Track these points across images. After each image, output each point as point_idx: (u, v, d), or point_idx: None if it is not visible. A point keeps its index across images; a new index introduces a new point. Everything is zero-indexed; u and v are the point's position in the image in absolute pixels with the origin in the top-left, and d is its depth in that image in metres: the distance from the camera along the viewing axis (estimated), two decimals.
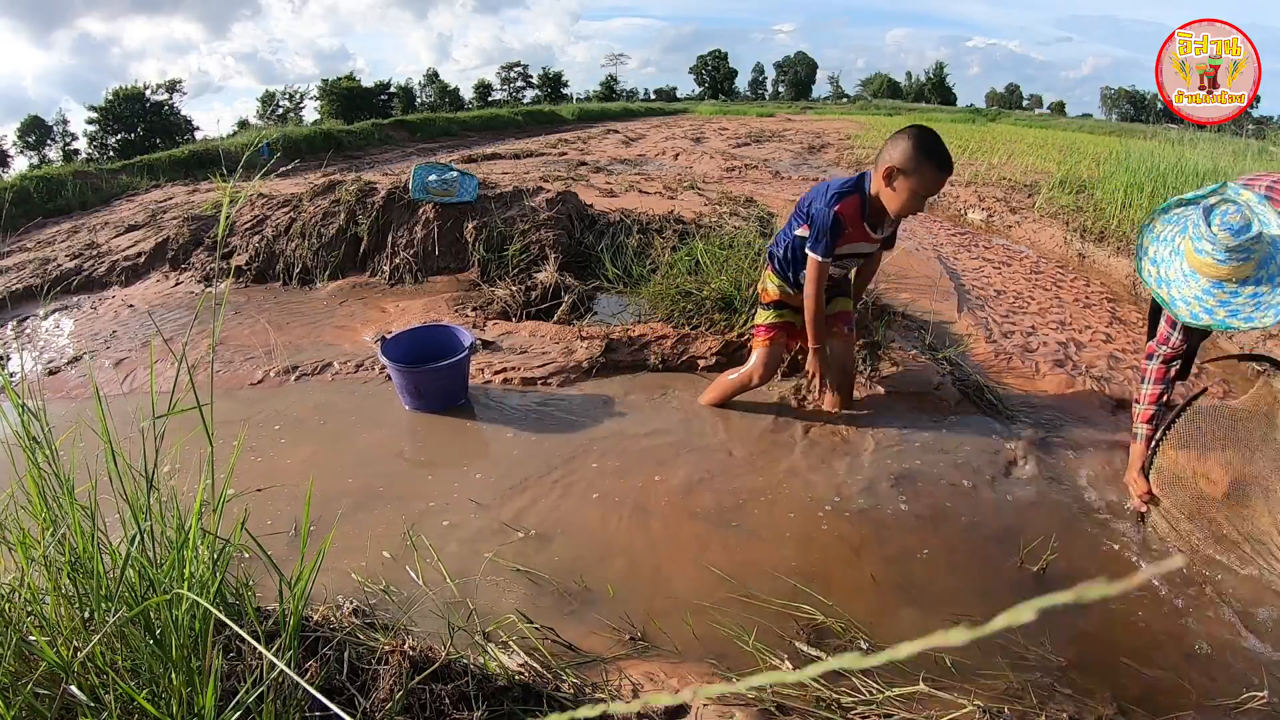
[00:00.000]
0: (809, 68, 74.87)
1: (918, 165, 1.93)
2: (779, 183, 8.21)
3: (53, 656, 0.94)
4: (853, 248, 2.20)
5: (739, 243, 3.83)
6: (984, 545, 1.86)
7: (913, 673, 1.39)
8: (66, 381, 3.01)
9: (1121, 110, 63.57)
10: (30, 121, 40.02)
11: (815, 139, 14.72)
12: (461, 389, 2.66)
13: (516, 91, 66.98)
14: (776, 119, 26.46)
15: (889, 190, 2.02)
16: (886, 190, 2.03)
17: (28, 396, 1.06)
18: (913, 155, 1.93)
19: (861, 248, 2.22)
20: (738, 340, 3.01)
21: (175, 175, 9.82)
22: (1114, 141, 11.33)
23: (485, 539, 1.86)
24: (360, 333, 3.44)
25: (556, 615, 1.57)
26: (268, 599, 1.30)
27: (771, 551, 1.82)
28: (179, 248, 4.68)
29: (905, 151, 1.94)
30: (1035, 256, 4.97)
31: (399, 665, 1.17)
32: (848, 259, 2.27)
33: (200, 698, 0.92)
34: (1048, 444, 2.34)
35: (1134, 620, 1.60)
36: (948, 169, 1.96)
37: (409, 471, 2.24)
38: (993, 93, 76.56)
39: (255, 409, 2.64)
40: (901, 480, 2.14)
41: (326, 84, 46.02)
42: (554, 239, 4.27)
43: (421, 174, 4.47)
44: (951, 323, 3.49)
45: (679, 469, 2.19)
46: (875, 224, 2.16)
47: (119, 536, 1.05)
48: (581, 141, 14.85)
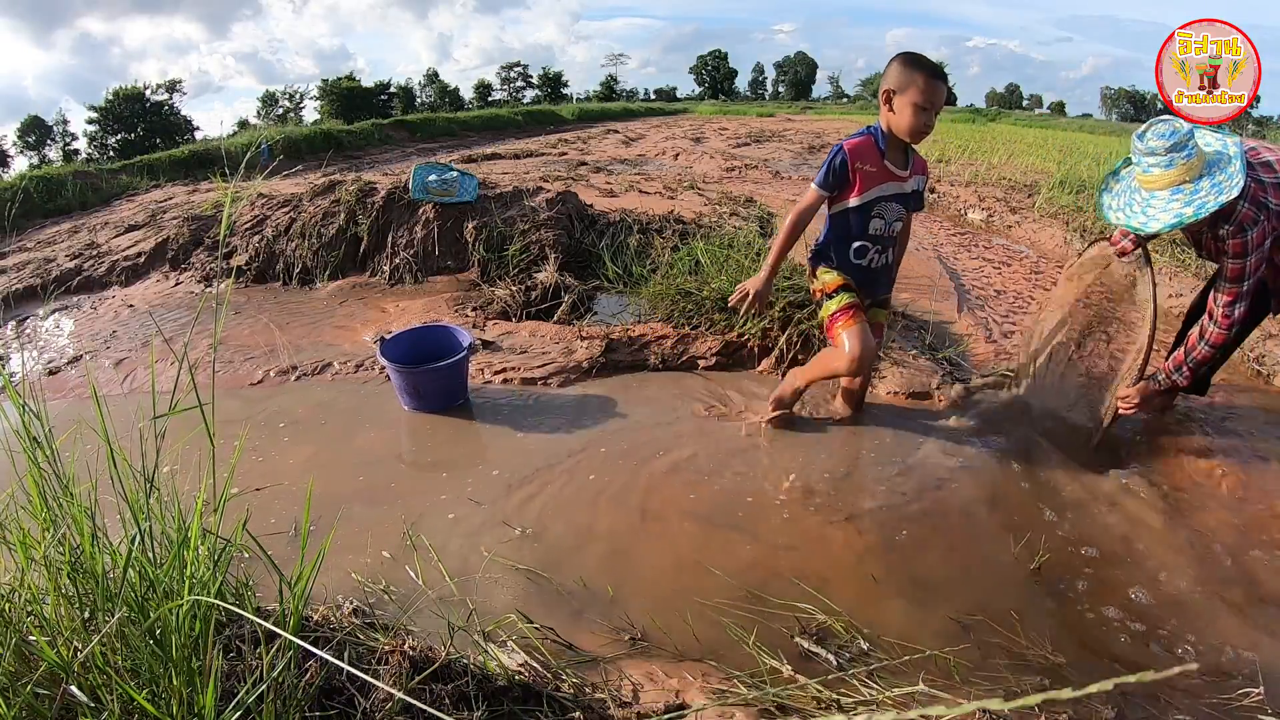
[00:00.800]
0: (809, 68, 74.85)
1: (910, 78, 1.97)
2: (779, 183, 8.21)
3: (53, 656, 0.94)
4: (881, 189, 2.13)
5: (739, 243, 3.84)
6: (983, 544, 1.86)
7: (913, 673, 1.39)
8: (67, 381, 3.01)
9: (1121, 110, 63.56)
10: (30, 121, 40.00)
11: (815, 139, 14.73)
12: (461, 389, 2.66)
13: (516, 91, 66.98)
14: (776, 119, 26.48)
15: (892, 114, 2.03)
16: (891, 116, 2.04)
17: (28, 396, 1.06)
18: (902, 70, 1.98)
19: (890, 188, 2.14)
20: (738, 340, 3.01)
21: (175, 175, 9.83)
22: (1114, 141, 11.35)
23: (485, 539, 1.86)
24: (360, 333, 3.44)
25: (556, 615, 1.57)
26: (268, 599, 1.30)
27: (771, 551, 1.82)
28: (179, 248, 4.68)
29: (894, 71, 2.00)
30: (1035, 256, 4.97)
31: (399, 665, 1.17)
32: (885, 205, 2.16)
33: (200, 698, 0.92)
34: (1047, 443, 2.34)
35: (1134, 620, 1.60)
36: (940, 76, 1.99)
37: (409, 471, 2.24)
38: (993, 93, 76.53)
39: (255, 409, 2.64)
40: (902, 480, 2.14)
41: (326, 84, 45.99)
42: (554, 239, 4.27)
43: (421, 174, 4.47)
44: (951, 323, 3.49)
45: (679, 469, 2.20)
46: (898, 162, 2.14)
47: (119, 536, 1.05)
48: (581, 141, 14.86)
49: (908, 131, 2.03)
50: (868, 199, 2.13)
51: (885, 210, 2.16)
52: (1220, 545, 1.86)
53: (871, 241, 2.19)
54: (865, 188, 2.12)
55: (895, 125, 2.05)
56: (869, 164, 2.10)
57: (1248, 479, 2.14)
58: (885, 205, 2.16)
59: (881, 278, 2.31)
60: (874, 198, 2.14)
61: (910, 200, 2.21)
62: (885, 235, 2.20)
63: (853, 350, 2.12)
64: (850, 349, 2.13)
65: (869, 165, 2.10)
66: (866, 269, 2.23)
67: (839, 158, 2.09)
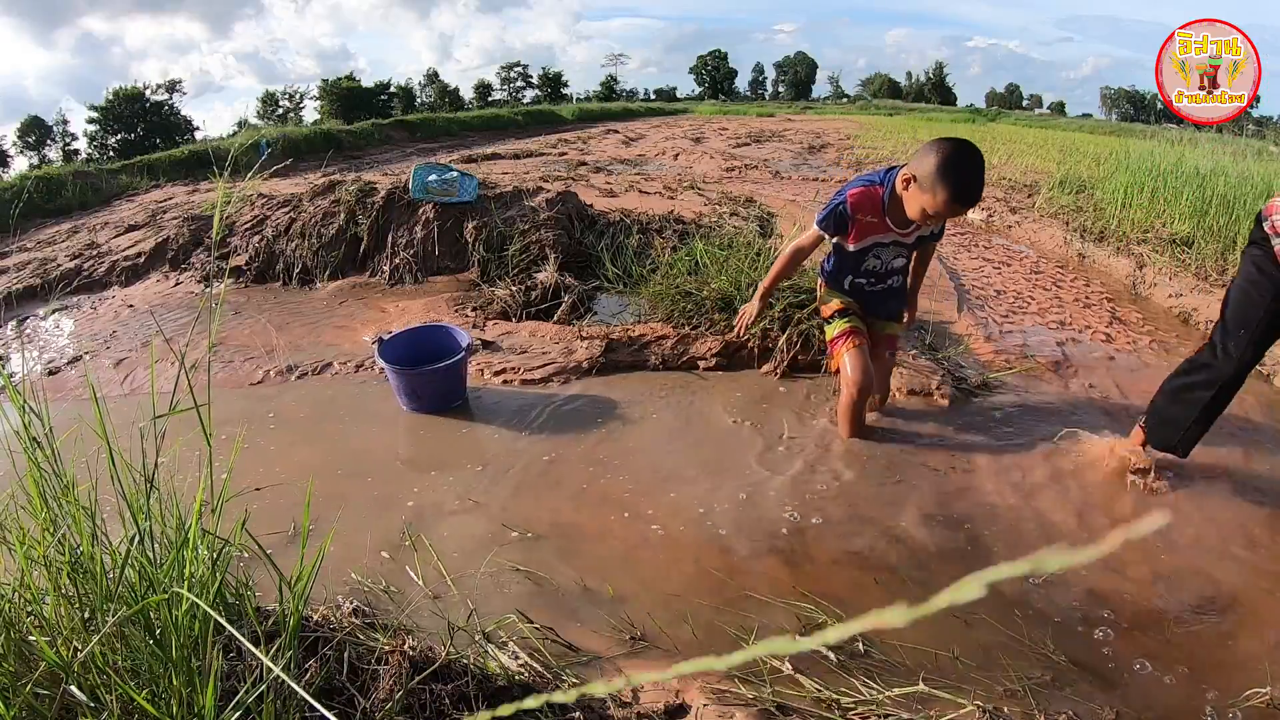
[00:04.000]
0: (809, 68, 74.91)
1: (933, 185, 1.81)
2: (779, 183, 8.21)
3: (53, 656, 0.94)
4: (875, 238, 2.12)
5: (739, 243, 3.83)
6: (983, 543, 1.86)
7: (912, 672, 1.39)
8: (67, 381, 3.01)
9: (1121, 110, 63.59)
10: (30, 121, 40.00)
11: (815, 139, 14.72)
12: (459, 390, 2.66)
13: (516, 91, 67.00)
14: (776, 119, 26.47)
15: (904, 192, 1.96)
16: (905, 194, 1.96)
17: (28, 397, 1.06)
18: (932, 173, 1.80)
19: (883, 239, 2.12)
20: (738, 340, 3.01)
21: (175, 175, 9.83)
22: (1114, 141, 11.34)
23: (485, 538, 1.86)
24: (360, 333, 3.44)
25: (556, 615, 1.57)
26: (268, 599, 1.30)
27: (771, 551, 1.82)
28: (179, 248, 4.68)
29: (929, 167, 1.81)
30: (1035, 256, 4.97)
31: (399, 665, 1.17)
32: (881, 249, 2.15)
33: (200, 698, 0.92)
34: (1046, 444, 2.34)
35: (1133, 620, 1.60)
36: (964, 200, 1.81)
37: (408, 471, 2.24)
38: (993, 93, 76.65)
39: (255, 409, 2.64)
40: (902, 480, 2.14)
41: (326, 84, 45.97)
42: (554, 239, 4.27)
43: (421, 174, 4.47)
44: (951, 322, 3.49)
45: (679, 469, 2.19)
46: (899, 221, 2.07)
47: (119, 536, 1.05)
48: (581, 141, 14.85)
49: (912, 219, 2.00)
50: (863, 246, 2.14)
51: (883, 253, 2.17)
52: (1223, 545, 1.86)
53: (866, 277, 2.23)
54: (862, 236, 2.12)
55: (905, 202, 1.96)
56: (870, 215, 2.08)
57: (1249, 479, 2.14)
58: (882, 249, 2.16)
59: (886, 300, 2.31)
60: (870, 245, 2.15)
61: (913, 245, 2.20)
62: (883, 271, 2.22)
63: (852, 375, 2.21)
64: (849, 374, 2.21)
65: (870, 217, 2.08)
66: (866, 294, 2.27)
67: (841, 207, 2.07)
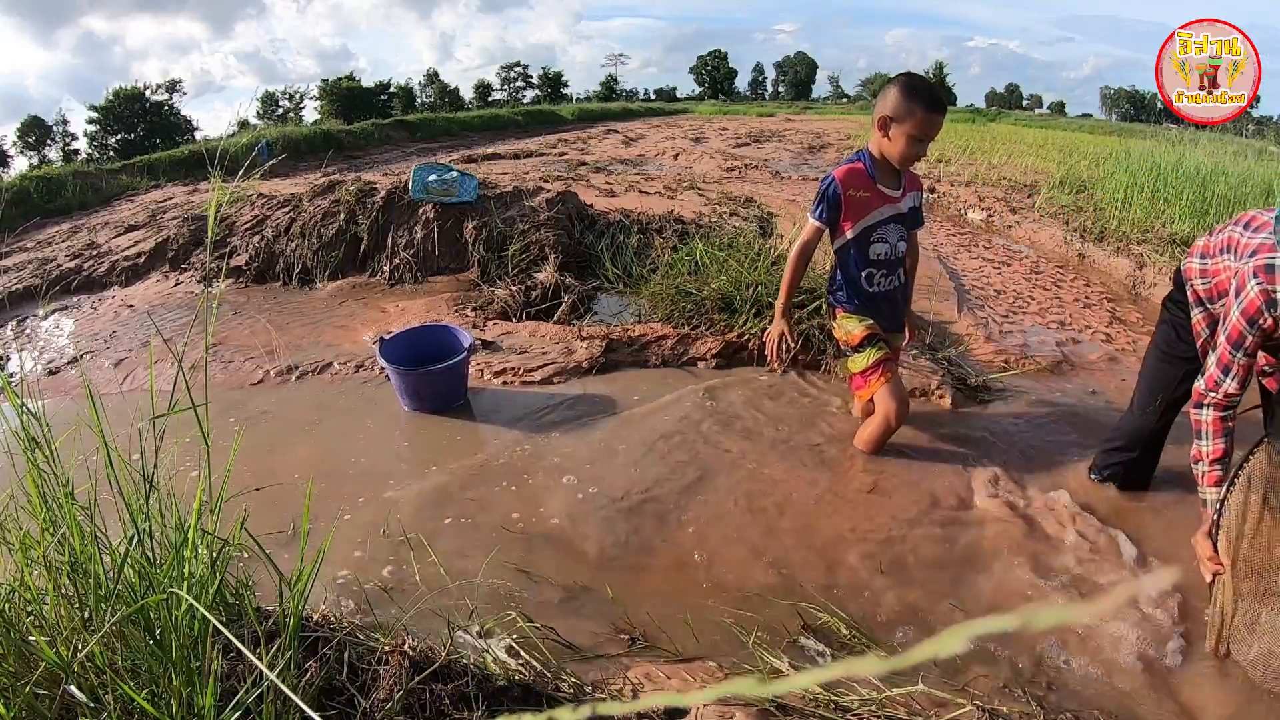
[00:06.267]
0: (809, 68, 74.91)
1: (908, 108, 1.92)
2: (779, 183, 8.21)
3: (52, 656, 0.94)
4: (878, 213, 2.12)
5: (739, 243, 3.83)
6: (984, 544, 1.86)
7: (912, 673, 1.39)
8: (66, 381, 3.01)
9: (1122, 110, 63.58)
10: (30, 121, 40.01)
11: (815, 139, 14.72)
12: (460, 390, 2.66)
13: (516, 91, 67.01)
14: (776, 119, 26.47)
15: (886, 141, 2.01)
16: (884, 141, 2.01)
17: (28, 397, 1.06)
18: (901, 100, 1.93)
19: (886, 211, 2.13)
20: (738, 340, 3.01)
21: (175, 175, 9.81)
22: (1114, 141, 11.34)
23: (485, 538, 1.86)
24: (360, 333, 3.44)
25: (556, 615, 1.57)
26: (268, 599, 1.30)
27: (772, 550, 1.82)
28: (179, 248, 4.68)
29: (894, 98, 1.94)
30: (1035, 256, 4.97)
31: (399, 665, 1.17)
32: (884, 228, 2.15)
33: (200, 698, 0.92)
34: (1047, 443, 2.34)
35: (1135, 620, 1.60)
36: (939, 108, 1.94)
37: (409, 471, 2.24)
38: (993, 92, 76.62)
39: (255, 409, 2.64)
40: (902, 480, 2.14)
41: (326, 84, 45.95)
42: (554, 239, 4.27)
43: (421, 174, 4.47)
44: (951, 322, 3.49)
45: (678, 468, 2.19)
46: (889, 184, 2.12)
47: (119, 537, 1.05)
48: (581, 141, 14.85)
49: (900, 159, 2.02)
50: (864, 226, 2.13)
51: (886, 233, 2.16)
52: None
53: (877, 266, 2.18)
54: (859, 215, 2.11)
55: (887, 151, 2.03)
56: (861, 189, 2.09)
57: None
58: (884, 228, 2.15)
59: (897, 299, 2.29)
60: (871, 224, 2.13)
61: (908, 218, 2.21)
62: (890, 258, 2.19)
63: (893, 407, 2.14)
64: (890, 406, 2.14)
65: (861, 191, 2.09)
66: (882, 295, 2.21)
67: (831, 187, 2.08)
